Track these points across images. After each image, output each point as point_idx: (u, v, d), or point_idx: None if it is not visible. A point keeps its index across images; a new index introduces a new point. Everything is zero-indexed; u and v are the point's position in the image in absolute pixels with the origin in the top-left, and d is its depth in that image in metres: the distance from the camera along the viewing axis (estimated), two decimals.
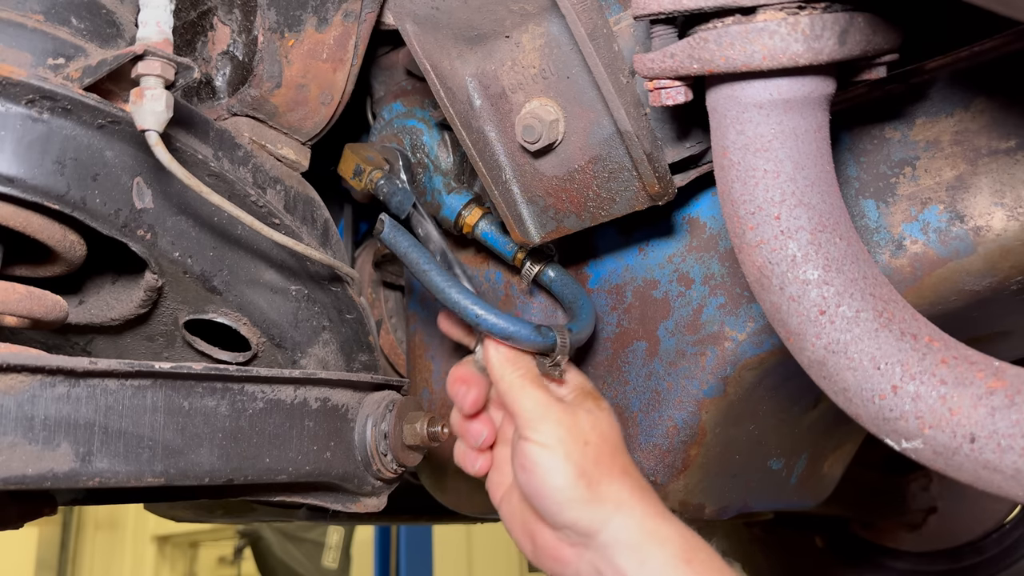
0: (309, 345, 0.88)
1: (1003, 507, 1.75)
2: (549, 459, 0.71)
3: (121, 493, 0.95)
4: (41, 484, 0.60)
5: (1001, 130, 0.76)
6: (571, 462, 0.71)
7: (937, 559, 1.79)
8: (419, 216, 0.96)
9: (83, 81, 0.68)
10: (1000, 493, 0.51)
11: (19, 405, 0.58)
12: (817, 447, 1.20)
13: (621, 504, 0.71)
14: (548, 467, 0.71)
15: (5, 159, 0.65)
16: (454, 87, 0.80)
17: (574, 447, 0.72)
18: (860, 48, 0.58)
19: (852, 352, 0.55)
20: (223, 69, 0.89)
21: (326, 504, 0.87)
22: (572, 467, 0.71)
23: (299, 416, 0.76)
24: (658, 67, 0.63)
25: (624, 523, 0.70)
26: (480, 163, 0.83)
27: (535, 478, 0.72)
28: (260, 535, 3.84)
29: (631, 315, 0.98)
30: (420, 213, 0.96)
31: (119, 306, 0.82)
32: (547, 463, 0.71)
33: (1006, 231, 0.76)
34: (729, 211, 0.62)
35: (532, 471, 0.72)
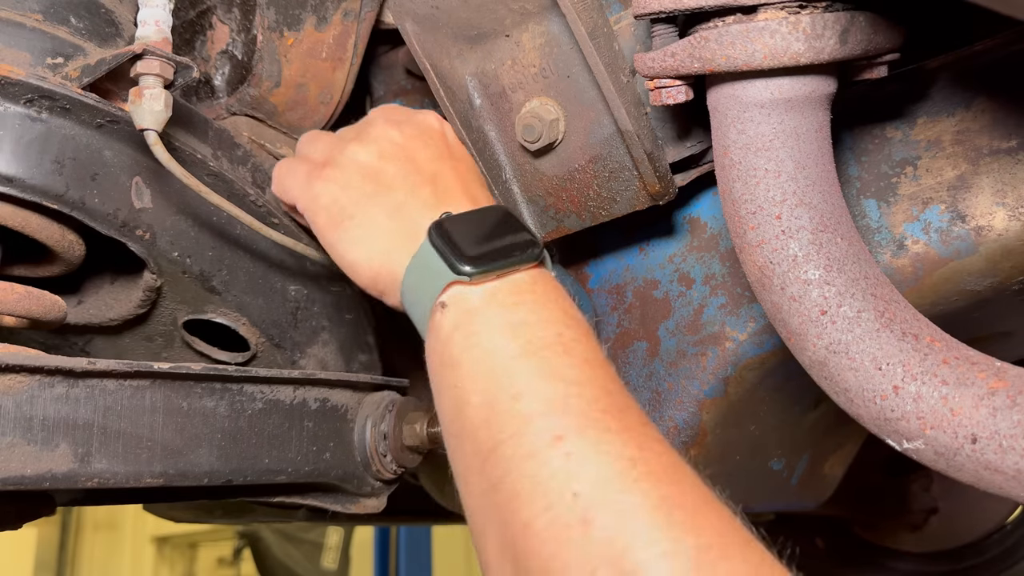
0: (308, 345, 0.88)
1: (1004, 508, 1.74)
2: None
3: (120, 494, 0.95)
4: (40, 485, 0.59)
5: (1003, 130, 0.76)
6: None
7: (938, 560, 1.79)
8: None
9: (82, 80, 0.68)
10: (1001, 494, 0.50)
11: (17, 405, 0.58)
12: (818, 448, 1.20)
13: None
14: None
15: (4, 158, 0.65)
16: (454, 86, 0.80)
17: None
18: (861, 47, 0.58)
19: (853, 352, 0.55)
20: (222, 68, 0.89)
21: (325, 505, 0.87)
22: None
23: (298, 417, 0.76)
24: (659, 66, 0.62)
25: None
26: (480, 163, 0.83)
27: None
28: (259, 536, 3.84)
29: (631, 315, 0.98)
30: None
31: (118, 306, 0.82)
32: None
33: (1008, 231, 0.76)
34: (730, 211, 0.61)
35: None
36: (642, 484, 0.45)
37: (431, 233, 0.61)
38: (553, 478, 0.46)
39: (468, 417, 0.53)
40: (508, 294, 0.58)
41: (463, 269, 0.57)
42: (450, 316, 0.57)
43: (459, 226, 0.61)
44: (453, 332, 0.57)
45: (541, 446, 0.48)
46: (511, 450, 0.49)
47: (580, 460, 0.47)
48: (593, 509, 0.45)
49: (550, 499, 0.46)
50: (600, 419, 0.49)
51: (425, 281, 0.60)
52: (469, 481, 0.52)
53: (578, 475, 0.46)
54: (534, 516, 0.46)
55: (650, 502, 0.45)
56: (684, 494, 0.46)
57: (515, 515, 0.47)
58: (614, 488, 0.45)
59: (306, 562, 3.84)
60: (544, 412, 0.50)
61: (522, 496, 0.47)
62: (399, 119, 0.74)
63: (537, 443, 0.48)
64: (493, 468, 0.50)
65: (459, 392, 0.54)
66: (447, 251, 0.58)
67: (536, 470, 0.47)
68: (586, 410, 0.50)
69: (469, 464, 0.52)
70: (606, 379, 0.53)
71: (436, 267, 0.59)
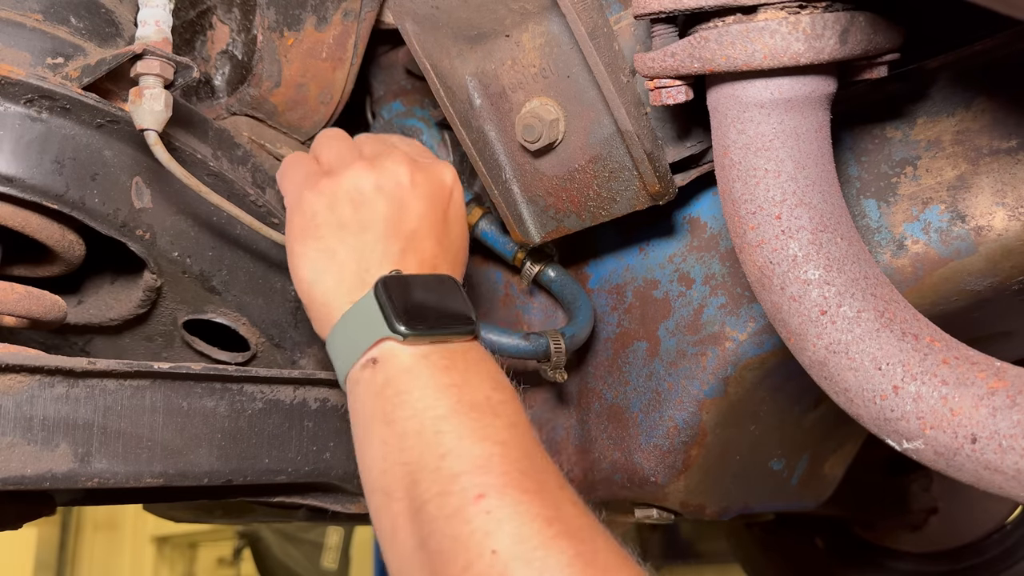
0: (308, 345, 0.88)
1: (1004, 508, 1.74)
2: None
3: (120, 494, 0.95)
4: (40, 484, 0.59)
5: (1003, 130, 0.76)
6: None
7: (938, 560, 1.79)
8: None
9: (82, 80, 0.68)
10: (1001, 494, 0.50)
11: (18, 405, 0.58)
12: (818, 448, 1.20)
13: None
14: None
15: (4, 158, 0.65)
16: (454, 86, 0.80)
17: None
18: (861, 47, 0.58)
19: (853, 352, 0.55)
20: (222, 68, 0.89)
21: (325, 505, 0.87)
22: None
23: (298, 416, 0.76)
24: (659, 66, 0.62)
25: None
26: (480, 163, 0.83)
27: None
28: (259, 536, 3.84)
29: (632, 315, 0.98)
30: None
31: (118, 306, 0.82)
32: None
33: (1007, 231, 0.76)
34: (730, 211, 0.61)
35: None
36: (559, 542, 0.48)
37: (377, 287, 0.62)
38: (472, 536, 0.49)
39: (397, 475, 0.55)
40: (439, 358, 0.59)
41: (398, 328, 0.59)
42: (381, 372, 0.59)
43: (407, 287, 0.62)
44: (384, 388, 0.58)
45: (464, 504, 0.50)
46: (436, 509, 0.51)
47: (499, 519, 0.49)
48: (511, 566, 0.47)
49: (470, 557, 0.48)
50: (520, 480, 0.51)
51: (359, 330, 0.61)
52: (397, 539, 0.54)
53: (497, 533, 0.49)
54: (457, 574, 0.48)
55: (565, 559, 0.47)
56: (596, 552, 0.49)
57: (441, 572, 0.49)
58: (531, 545, 0.48)
59: (306, 562, 3.84)
60: (468, 471, 0.52)
61: (445, 554, 0.49)
62: (419, 164, 0.71)
63: (460, 502, 0.50)
64: (420, 527, 0.52)
65: (388, 449, 0.56)
66: (388, 307, 0.60)
67: (458, 529, 0.49)
68: (508, 470, 0.52)
69: (397, 522, 0.54)
70: (529, 443, 0.56)
71: (374, 319, 0.60)
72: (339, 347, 0.63)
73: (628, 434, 0.97)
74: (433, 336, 0.60)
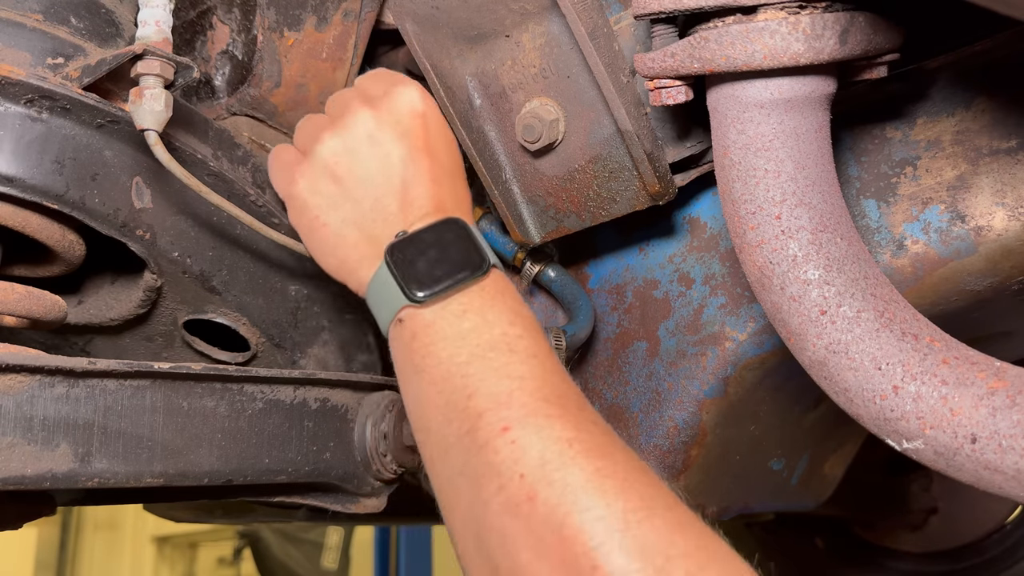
0: (308, 345, 0.88)
1: (1004, 508, 1.74)
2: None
3: (120, 494, 0.95)
4: (40, 484, 0.59)
5: (1002, 130, 0.76)
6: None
7: (938, 560, 1.79)
8: None
9: (82, 81, 0.68)
10: (1001, 493, 0.50)
11: (18, 405, 0.58)
12: (818, 448, 1.20)
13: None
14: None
15: (4, 159, 0.65)
16: (454, 86, 0.80)
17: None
18: (861, 48, 0.58)
19: (853, 352, 0.55)
20: (222, 68, 0.89)
21: (326, 505, 0.87)
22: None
23: (298, 416, 0.76)
24: (659, 66, 0.62)
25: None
26: (480, 163, 0.83)
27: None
28: (259, 536, 3.84)
29: (631, 315, 0.98)
30: None
31: (118, 306, 0.82)
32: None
33: (1007, 231, 0.76)
34: (730, 211, 0.61)
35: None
36: (579, 460, 0.53)
37: (387, 258, 0.65)
38: (503, 463, 0.54)
39: (432, 417, 0.61)
40: (457, 305, 0.63)
41: (415, 296, 0.63)
42: (408, 329, 0.64)
43: (413, 251, 0.65)
44: (412, 342, 0.63)
45: (492, 436, 0.56)
46: (468, 442, 0.57)
47: (524, 446, 0.54)
48: (536, 486, 0.52)
49: (502, 480, 0.54)
50: (541, 407, 0.56)
51: (384, 298, 0.66)
52: (437, 469, 0.60)
53: (523, 459, 0.54)
54: (491, 495, 0.54)
55: (584, 475, 0.52)
56: (616, 465, 0.53)
57: (477, 495, 0.55)
58: (553, 467, 0.53)
59: (306, 562, 3.84)
60: (493, 407, 0.57)
61: (480, 479, 0.55)
62: (378, 94, 0.70)
63: (488, 435, 0.56)
64: (456, 458, 0.58)
65: (423, 395, 0.62)
66: (400, 278, 0.64)
67: (490, 457, 0.55)
68: (528, 401, 0.57)
69: (434, 455, 0.60)
70: (547, 370, 0.60)
71: (392, 290, 0.65)
72: (376, 311, 0.68)
73: (628, 434, 0.97)
74: (448, 291, 0.63)
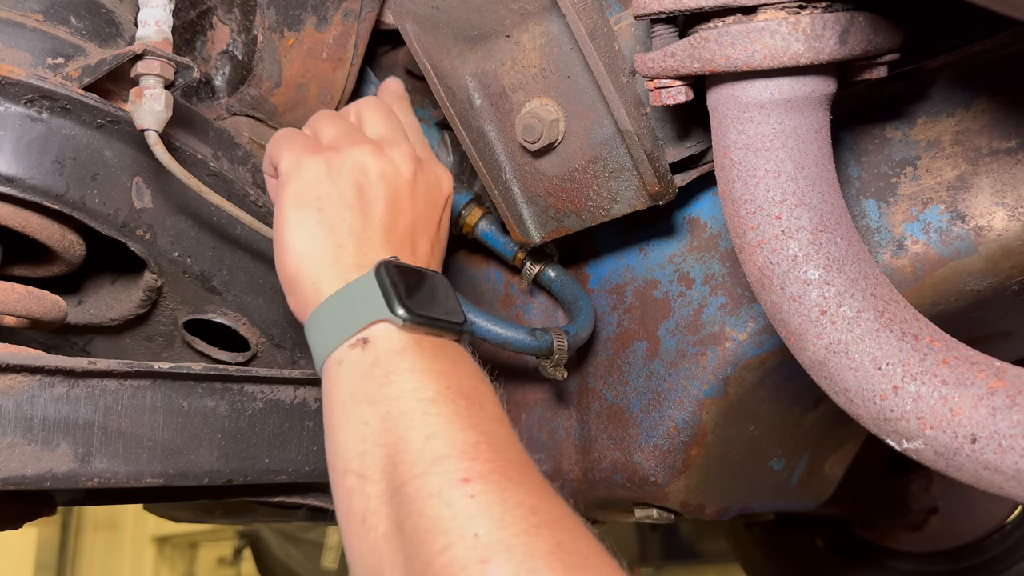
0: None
1: (1004, 508, 1.74)
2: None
3: (120, 494, 0.95)
4: (40, 484, 0.59)
5: (1002, 130, 0.76)
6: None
7: (938, 560, 1.79)
8: None
9: (82, 81, 0.68)
10: (1001, 494, 0.50)
11: (18, 405, 0.58)
12: (818, 448, 1.20)
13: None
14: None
15: (4, 159, 0.65)
16: (454, 86, 0.80)
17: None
18: (861, 48, 0.58)
19: (853, 352, 0.55)
20: (222, 68, 0.89)
21: (326, 505, 0.87)
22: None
23: (298, 416, 0.76)
24: (659, 66, 0.62)
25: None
26: (480, 163, 0.83)
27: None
28: (260, 536, 3.84)
29: (631, 315, 0.98)
30: None
31: (118, 306, 0.82)
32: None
33: (1007, 231, 0.76)
34: (730, 211, 0.61)
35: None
36: (541, 531, 0.48)
37: (379, 269, 0.61)
38: (455, 518, 0.48)
39: (376, 456, 0.54)
40: (430, 345, 0.59)
41: (398, 311, 0.58)
42: (371, 352, 0.58)
43: (408, 276, 0.62)
44: (372, 368, 0.57)
45: (446, 486, 0.50)
46: (416, 490, 0.50)
47: (484, 503, 0.49)
48: (493, 549, 0.47)
49: (450, 539, 0.48)
50: (506, 469, 0.51)
51: (352, 310, 0.60)
52: (367, 523, 0.53)
53: (480, 517, 0.48)
54: (435, 555, 0.48)
55: (547, 547, 0.47)
56: (576, 541, 0.49)
57: (417, 554, 0.48)
58: (514, 532, 0.47)
59: (306, 562, 3.84)
60: (453, 455, 0.51)
61: (423, 535, 0.48)
62: (423, 163, 0.72)
63: (443, 483, 0.50)
64: (398, 508, 0.51)
65: (369, 430, 0.55)
66: (391, 290, 0.59)
67: (439, 510, 0.49)
68: (494, 459, 0.52)
69: (371, 506, 0.53)
70: (512, 438, 0.56)
71: (371, 301, 0.59)
72: (324, 326, 0.61)
73: (628, 434, 0.97)
74: (428, 327, 0.60)
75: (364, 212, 0.66)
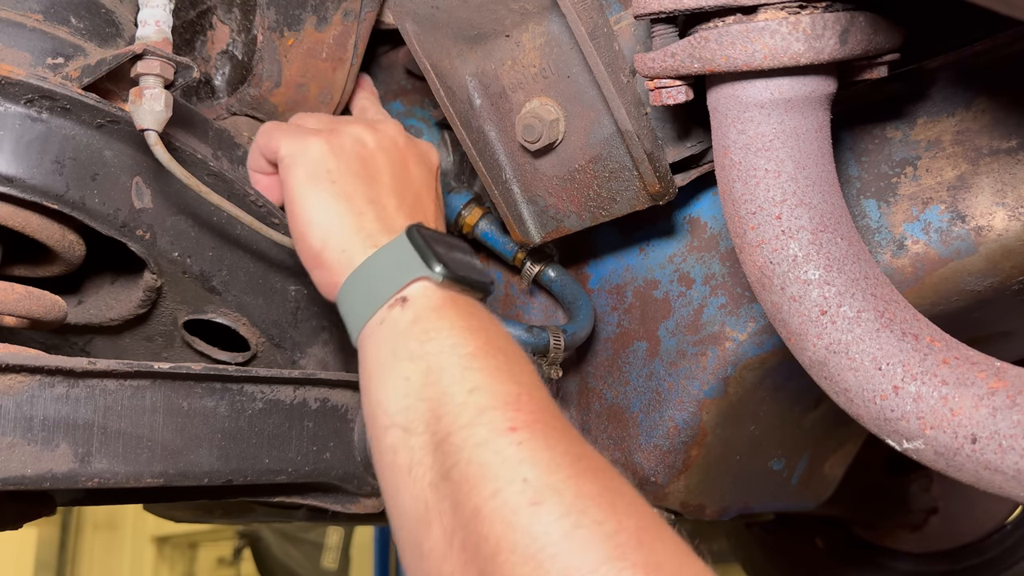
0: (309, 345, 0.88)
1: (1004, 508, 1.74)
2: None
3: (120, 494, 0.95)
4: (40, 485, 0.59)
5: (1003, 130, 0.76)
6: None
7: (938, 560, 1.79)
8: None
9: (82, 80, 0.68)
10: (1001, 494, 0.50)
11: (18, 405, 0.58)
12: (818, 448, 1.20)
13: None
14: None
15: (4, 159, 0.65)
16: (454, 86, 0.80)
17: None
18: (861, 48, 0.58)
19: (853, 352, 0.55)
20: (222, 68, 0.89)
21: (326, 505, 0.87)
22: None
23: (298, 416, 0.76)
24: (659, 66, 0.62)
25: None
26: (480, 163, 0.83)
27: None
28: (259, 536, 3.84)
29: (632, 315, 0.98)
30: None
31: (118, 306, 0.82)
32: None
33: (1008, 231, 0.76)
34: (730, 211, 0.61)
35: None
36: (588, 475, 0.49)
37: (411, 231, 0.62)
38: (504, 464, 0.49)
39: (419, 410, 0.55)
40: (465, 304, 0.61)
41: (436, 268, 0.60)
42: (411, 310, 0.59)
43: (435, 237, 0.64)
44: (412, 326, 0.58)
45: (493, 435, 0.51)
46: (463, 439, 0.51)
47: (531, 449, 0.50)
48: (543, 493, 0.48)
49: (499, 484, 0.48)
50: (548, 420, 0.53)
51: (389, 272, 0.61)
52: (415, 475, 0.53)
53: (529, 462, 0.49)
54: (484, 500, 0.48)
55: (595, 489, 0.48)
56: (622, 486, 0.50)
57: (466, 500, 0.49)
58: (562, 476, 0.48)
59: (306, 562, 3.84)
60: (498, 406, 0.52)
61: (472, 481, 0.49)
62: (408, 135, 0.74)
63: (489, 432, 0.51)
64: (444, 457, 0.52)
65: (411, 385, 0.56)
66: (426, 249, 0.61)
67: (487, 458, 0.50)
68: (536, 409, 0.53)
69: (416, 457, 0.54)
70: (547, 393, 0.57)
71: (407, 261, 0.61)
72: (360, 292, 0.62)
73: (628, 434, 0.97)
74: (463, 284, 0.61)
75: (373, 181, 0.67)
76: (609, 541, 0.45)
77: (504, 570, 0.46)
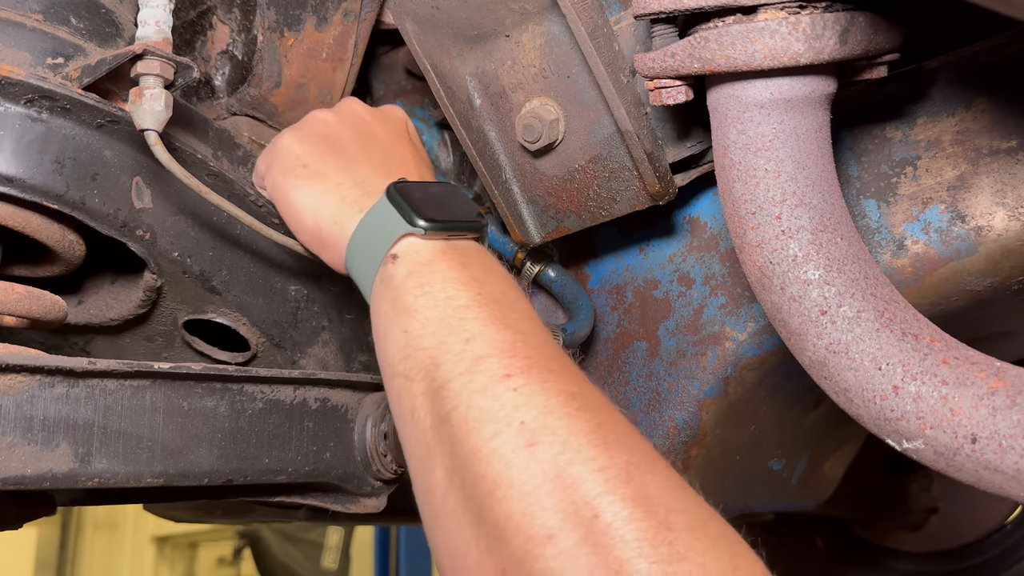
0: (309, 345, 0.88)
1: (1004, 508, 1.74)
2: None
3: (120, 494, 0.95)
4: (40, 484, 0.59)
5: (1002, 130, 0.76)
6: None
7: (938, 560, 1.79)
8: None
9: (82, 81, 0.68)
10: (1001, 494, 0.50)
11: (18, 405, 0.58)
12: (818, 448, 1.20)
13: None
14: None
15: (4, 159, 0.65)
16: (454, 86, 0.80)
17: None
18: (861, 48, 0.58)
19: (853, 352, 0.55)
20: (222, 68, 0.89)
21: (326, 505, 0.87)
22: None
23: (298, 416, 0.76)
24: (659, 66, 0.62)
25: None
26: (480, 163, 0.83)
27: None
28: (259, 536, 3.84)
29: (631, 315, 0.98)
30: None
31: (118, 306, 0.82)
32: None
33: (1007, 231, 0.76)
34: (730, 211, 0.61)
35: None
36: (582, 414, 0.51)
37: (390, 190, 0.65)
38: (502, 408, 0.52)
39: (418, 360, 0.57)
40: (456, 253, 0.62)
41: (418, 223, 0.61)
42: (403, 266, 0.62)
43: (414, 190, 0.65)
44: (406, 280, 0.61)
45: (491, 382, 0.53)
46: (461, 385, 0.54)
47: (527, 393, 0.52)
48: (539, 434, 0.50)
49: (498, 427, 0.51)
50: (543, 362, 0.55)
51: (377, 234, 0.64)
52: (417, 417, 0.57)
53: (525, 406, 0.52)
54: (483, 442, 0.51)
55: (589, 427, 0.51)
56: (616, 423, 0.52)
57: (465, 441, 0.52)
58: (557, 416, 0.51)
59: (306, 562, 3.84)
60: (494, 354, 0.55)
61: (471, 424, 0.52)
62: (368, 106, 0.78)
63: (487, 379, 0.54)
64: (443, 402, 0.54)
65: (410, 337, 0.59)
66: (404, 206, 0.63)
67: (485, 403, 0.52)
68: (531, 354, 0.55)
69: (416, 402, 0.57)
70: (545, 334, 0.59)
71: (391, 221, 0.63)
72: (360, 257, 0.65)
73: None
74: (449, 231, 0.63)
75: (340, 152, 0.71)
76: (599, 475, 0.48)
77: (502, 506, 0.49)
